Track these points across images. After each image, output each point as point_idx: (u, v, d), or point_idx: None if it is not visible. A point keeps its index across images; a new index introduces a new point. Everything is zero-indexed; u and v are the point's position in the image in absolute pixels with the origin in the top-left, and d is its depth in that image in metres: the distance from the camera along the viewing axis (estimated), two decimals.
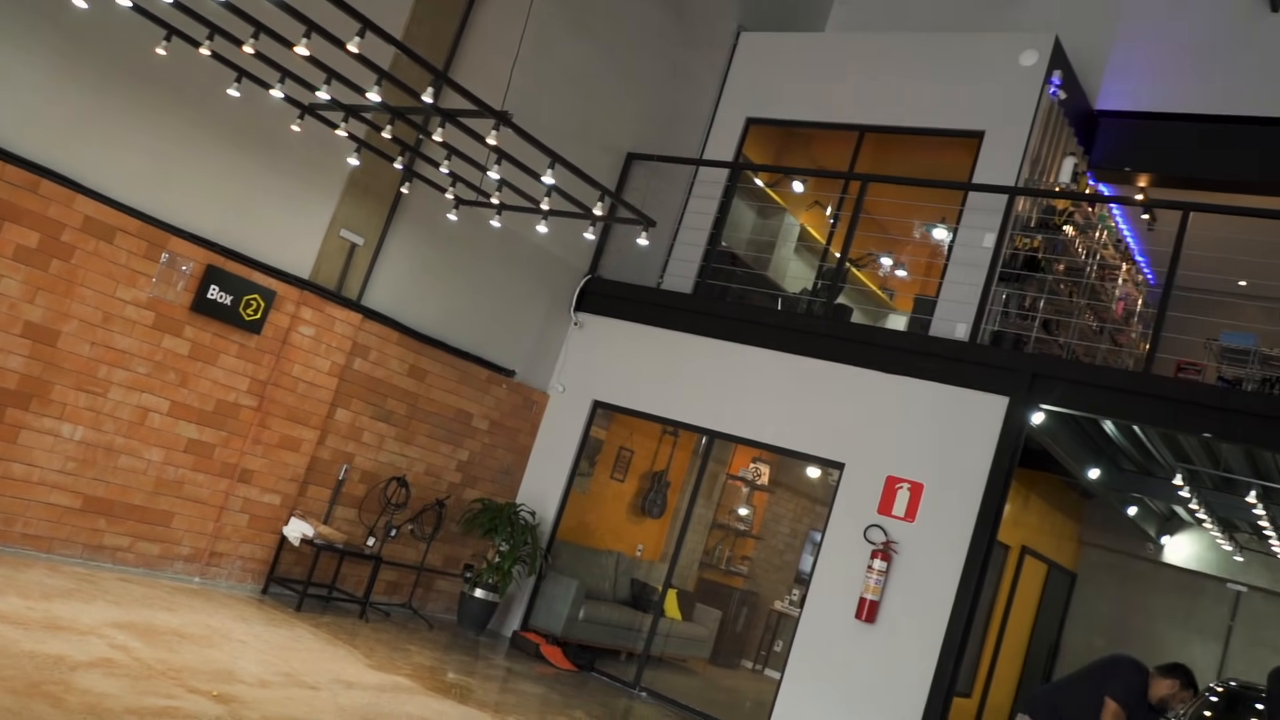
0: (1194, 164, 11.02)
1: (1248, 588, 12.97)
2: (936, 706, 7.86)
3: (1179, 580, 13.62)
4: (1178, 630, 13.51)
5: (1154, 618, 13.65)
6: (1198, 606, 13.49)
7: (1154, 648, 13.50)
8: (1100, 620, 13.85)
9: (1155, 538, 13.43)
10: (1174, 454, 9.91)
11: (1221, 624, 13.21)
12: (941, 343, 8.93)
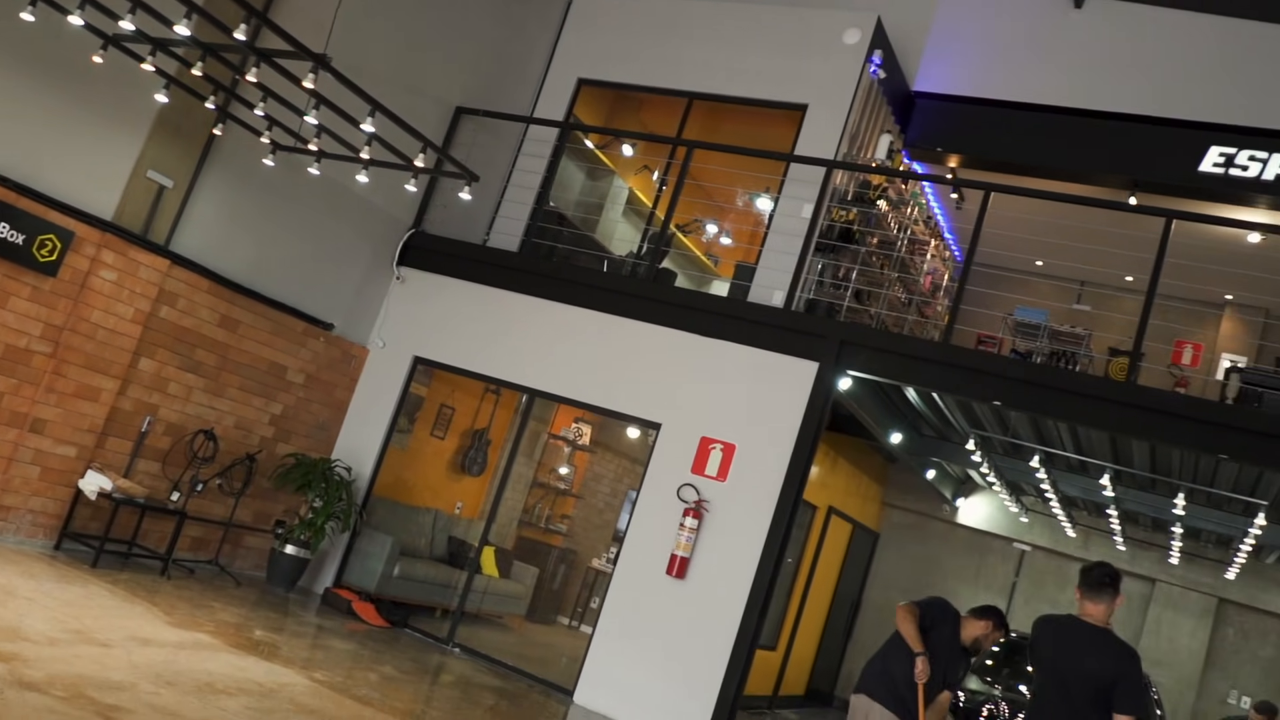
0: (1001, 148, 11.65)
1: (1031, 547, 13.98)
2: (740, 658, 8.19)
3: (971, 540, 14.55)
4: (968, 586, 14.44)
5: (948, 575, 14.54)
6: (986, 564, 14.45)
7: None
8: (899, 577, 14.66)
9: (951, 500, 14.28)
10: (969, 421, 10.55)
11: (1007, 580, 14.20)
12: (758, 309, 9.22)
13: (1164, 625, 13.31)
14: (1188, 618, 13.24)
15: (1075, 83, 11.32)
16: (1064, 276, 14.11)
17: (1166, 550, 13.06)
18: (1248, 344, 13.15)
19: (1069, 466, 11.10)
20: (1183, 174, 10.85)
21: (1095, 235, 10.84)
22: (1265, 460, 7.65)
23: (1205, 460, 9.17)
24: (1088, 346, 10.93)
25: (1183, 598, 13.31)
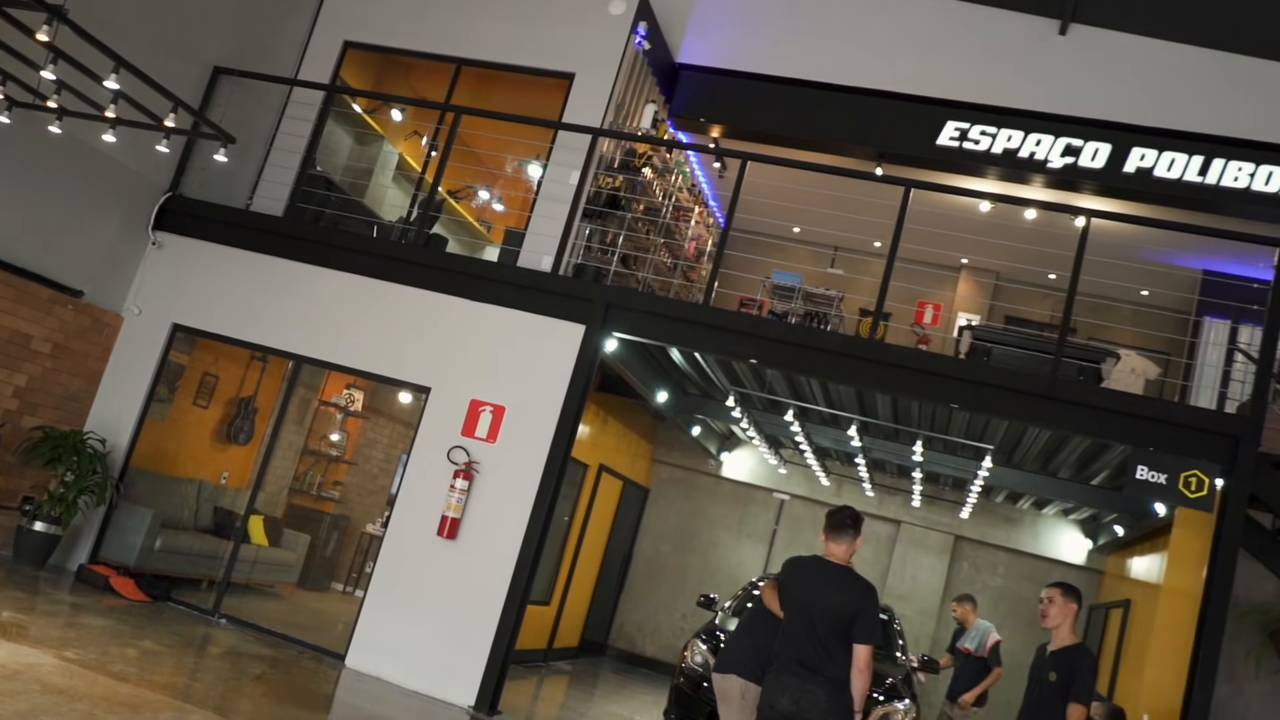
0: (760, 119, 12.23)
1: (790, 496, 14.86)
2: (511, 615, 8.42)
3: (735, 492, 15.32)
4: (733, 535, 15.23)
5: (714, 526, 15.28)
6: (749, 514, 15.27)
7: (713, 552, 15.17)
8: (669, 530, 15.30)
9: (716, 455, 14.99)
10: (730, 379, 11.11)
11: (768, 528, 15.05)
12: (527, 273, 9.40)
13: (908, 563, 14.49)
14: (928, 555, 14.46)
15: (829, 59, 12.00)
16: (819, 242, 14.98)
17: (909, 494, 14.19)
18: (981, 304, 14.40)
19: (821, 420, 11.88)
20: (923, 147, 11.74)
21: (847, 203, 11.59)
22: (992, 408, 8.46)
23: (941, 410, 10.02)
24: (838, 307, 11.71)
25: (924, 537, 14.53)
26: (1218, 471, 7.51)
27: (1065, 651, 5.80)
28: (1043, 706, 5.74)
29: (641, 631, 15.07)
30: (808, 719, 5.49)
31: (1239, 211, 10.71)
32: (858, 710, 5.57)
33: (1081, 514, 13.31)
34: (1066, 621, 5.87)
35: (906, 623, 13.20)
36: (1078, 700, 5.60)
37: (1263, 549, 7.79)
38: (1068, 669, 5.69)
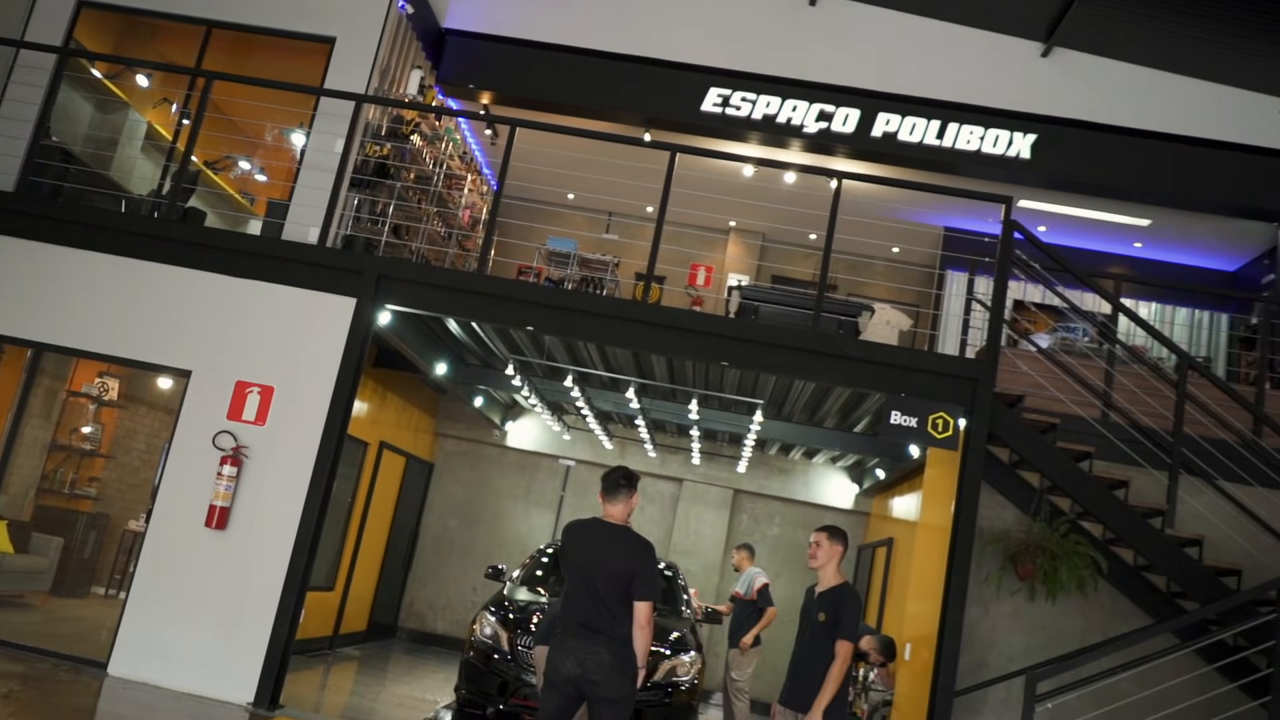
0: (530, 86, 12.19)
1: (575, 462, 15.02)
2: (289, 604, 8.13)
3: (521, 461, 15.35)
4: (520, 505, 15.27)
5: (501, 497, 15.26)
6: (536, 482, 15.34)
7: (501, 523, 15.16)
8: (455, 504, 15.17)
9: (500, 425, 14.95)
10: (509, 348, 11.08)
11: (555, 495, 15.17)
12: (293, 247, 9.04)
13: (691, 519, 14.95)
14: (710, 510, 14.97)
15: (596, 26, 12.09)
16: (594, 208, 15.11)
17: (689, 453, 14.62)
18: (750, 264, 14.93)
19: (601, 384, 12.04)
20: (688, 113, 12.03)
21: (619, 169, 11.73)
22: (760, 364, 8.79)
23: (714, 368, 10.34)
24: (614, 272, 11.87)
25: (705, 493, 15.01)
26: (961, 412, 8.11)
27: (831, 592, 6.13)
28: (815, 645, 6.05)
29: (432, 609, 14.92)
30: (593, 679, 5.58)
31: (972, 171, 11.56)
32: (641, 666, 5.72)
33: (847, 461, 14.09)
34: (833, 563, 6.20)
35: (692, 577, 13.64)
36: (845, 637, 5.93)
37: (1002, 481, 8.49)
38: (834, 608, 6.02)
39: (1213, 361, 12.47)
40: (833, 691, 5.83)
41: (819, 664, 5.94)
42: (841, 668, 5.86)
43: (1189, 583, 7.79)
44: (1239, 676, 7.35)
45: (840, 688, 5.87)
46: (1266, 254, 12.31)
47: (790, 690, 6.13)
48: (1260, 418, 8.55)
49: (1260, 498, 8.27)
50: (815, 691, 5.87)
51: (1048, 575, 8.03)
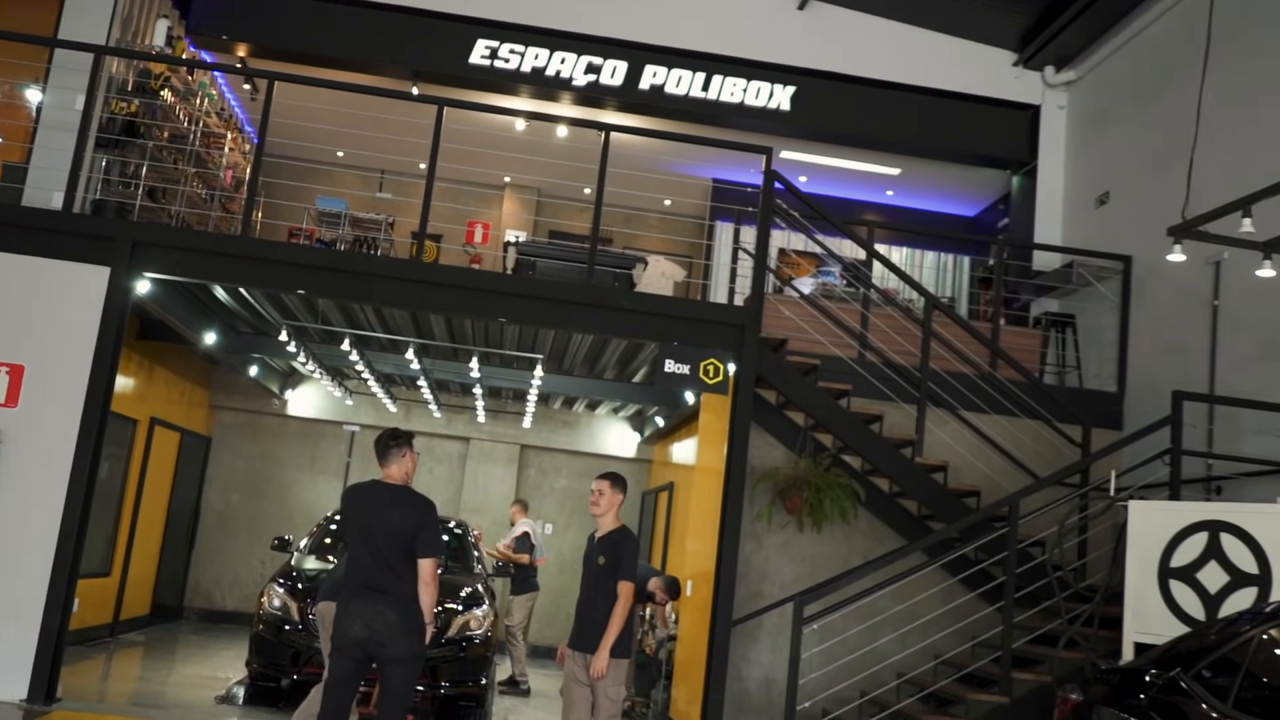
0: (288, 38, 11.72)
1: (360, 427, 14.75)
2: (59, 594, 7.69)
3: (304, 429, 14.96)
4: (306, 474, 14.91)
5: (285, 467, 14.85)
6: (320, 450, 15.00)
7: (287, 494, 14.77)
8: (237, 477, 14.65)
9: (280, 393, 14.50)
10: (282, 313, 10.74)
11: (341, 461, 14.87)
12: (35, 213, 8.44)
13: (480, 477, 15.01)
14: (498, 466, 15.07)
15: None
16: (365, 166, 14.74)
17: (474, 411, 14.64)
18: (527, 220, 14.99)
19: (380, 346, 11.87)
20: (456, 65, 11.89)
21: (389, 125, 11.44)
22: (537, 320, 8.91)
23: (493, 325, 10.38)
24: (388, 231, 11.68)
25: (492, 450, 15.10)
26: (730, 358, 8.52)
27: (610, 536, 6.36)
28: (598, 588, 6.27)
29: (219, 586, 14.43)
30: (381, 640, 5.62)
31: (736, 123, 11.99)
32: (429, 623, 5.80)
33: (629, 411, 14.48)
34: (613, 510, 6.43)
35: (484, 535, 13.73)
36: (625, 578, 6.18)
37: (771, 421, 8.98)
38: (614, 551, 6.26)
39: (956, 301, 13.49)
40: (617, 631, 6.08)
41: (602, 606, 6.16)
42: (624, 607, 6.11)
43: (936, 505, 8.52)
44: (978, 586, 8.13)
45: (625, 627, 6.13)
46: (1001, 200, 13.37)
47: (577, 633, 6.32)
48: (996, 351, 9.38)
49: (996, 424, 9.10)
50: (600, 633, 6.10)
51: (813, 507, 8.61)
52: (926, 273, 13.64)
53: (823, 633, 7.98)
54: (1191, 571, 6.36)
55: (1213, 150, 8.61)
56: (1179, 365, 9.11)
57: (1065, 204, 11.76)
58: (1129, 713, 4.20)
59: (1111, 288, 10.25)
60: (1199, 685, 3.97)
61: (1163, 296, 9.61)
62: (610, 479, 6.50)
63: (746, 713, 8.63)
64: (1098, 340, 10.54)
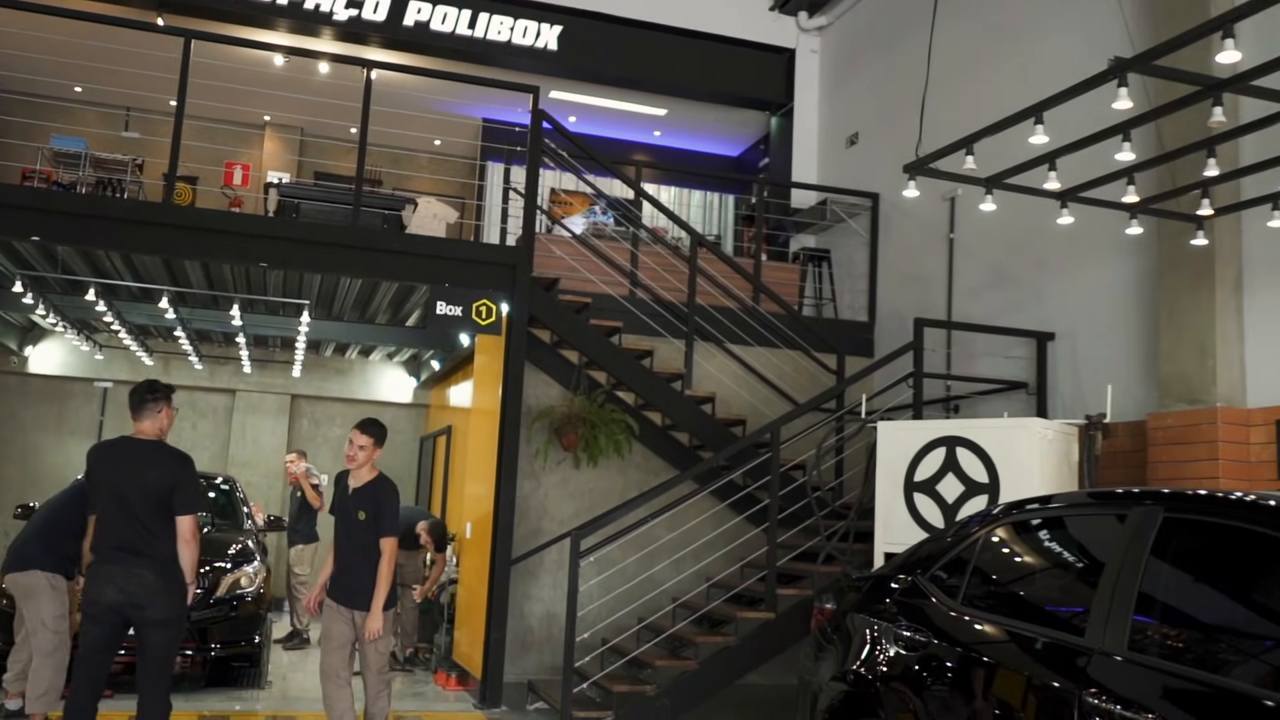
0: None
1: (113, 382, 13.85)
2: None
3: (49, 388, 13.90)
4: (53, 436, 13.88)
5: (29, 429, 13.77)
6: (69, 409, 13.99)
7: (34, 457, 13.72)
8: None
9: (19, 350, 13.39)
10: (16, 263, 9.90)
11: (94, 420, 13.95)
12: None
13: (249, 429, 14.42)
14: (267, 418, 14.51)
15: None
16: (108, 103, 13.65)
17: (239, 361, 14.00)
18: (289, 161, 14.32)
19: (131, 296, 11.13)
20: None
21: (134, 58, 10.63)
22: (301, 264, 8.60)
23: (254, 271, 9.92)
24: (135, 173, 10.92)
25: (261, 401, 14.51)
26: (502, 298, 8.51)
27: (368, 487, 6.06)
28: (361, 545, 5.96)
29: None
30: (138, 603, 5.36)
31: (503, 62, 11.85)
32: (190, 582, 5.56)
33: (404, 355, 14.23)
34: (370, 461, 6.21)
35: (254, 489, 13.25)
36: (388, 534, 5.91)
37: (545, 361, 9.05)
38: (374, 505, 5.99)
39: (722, 239, 13.91)
40: (385, 589, 5.91)
41: (368, 562, 5.92)
42: (389, 564, 5.90)
43: (705, 435, 8.86)
44: (745, 509, 8.54)
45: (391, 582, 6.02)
46: (761, 140, 13.83)
47: (341, 587, 6.04)
48: (758, 286, 9.78)
49: (759, 356, 9.52)
50: (367, 591, 5.90)
51: (589, 443, 8.78)
52: (694, 211, 13.98)
53: (601, 564, 8.19)
54: (932, 484, 6.90)
55: (945, 94, 9.19)
56: (921, 295, 9.78)
57: (819, 144, 12.31)
58: (877, 617, 4.54)
59: (862, 224, 10.84)
60: (934, 586, 4.34)
61: (906, 231, 10.25)
62: (373, 434, 6.16)
63: (529, 649, 8.78)
64: (850, 273, 11.15)
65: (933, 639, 4.07)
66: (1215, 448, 6.39)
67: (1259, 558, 3.12)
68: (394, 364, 14.84)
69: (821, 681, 4.75)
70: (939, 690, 3.93)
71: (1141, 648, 3.19)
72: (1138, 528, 3.41)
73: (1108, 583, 3.39)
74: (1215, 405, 6.46)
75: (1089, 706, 3.16)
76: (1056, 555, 4.16)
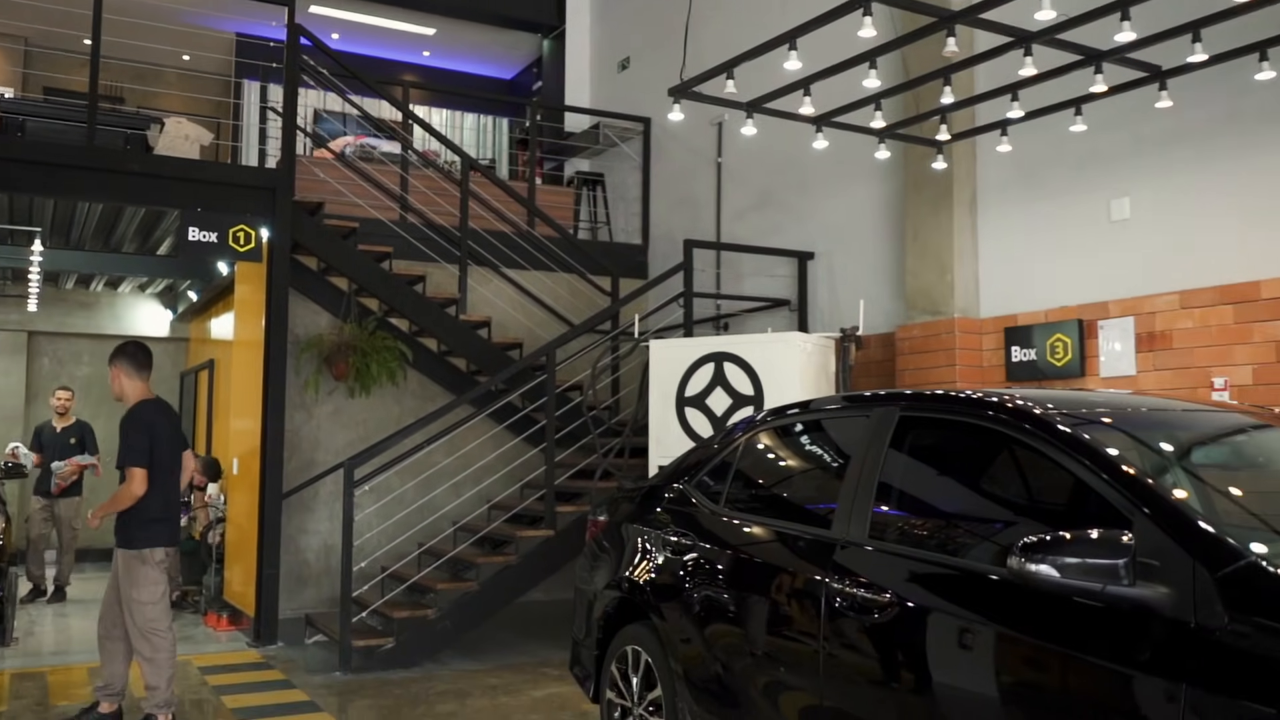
0: None
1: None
2: None
3: None
4: None
5: None
6: None
7: None
8: None
9: None
10: None
11: None
12: None
13: None
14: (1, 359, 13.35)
15: None
16: None
17: None
18: (12, 75, 13.05)
19: None
20: None
21: None
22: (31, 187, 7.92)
23: None
24: None
25: None
26: (262, 223, 8.12)
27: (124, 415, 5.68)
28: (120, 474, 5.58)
29: None
30: None
31: None
32: None
33: (158, 286, 13.37)
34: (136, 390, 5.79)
35: None
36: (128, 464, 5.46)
37: (313, 288, 8.75)
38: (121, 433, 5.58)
39: (497, 163, 13.76)
40: (116, 506, 5.49)
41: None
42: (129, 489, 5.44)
43: (482, 360, 8.84)
44: (523, 431, 8.60)
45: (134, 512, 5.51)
46: (534, 64, 13.69)
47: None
48: (532, 210, 9.75)
49: (535, 279, 9.53)
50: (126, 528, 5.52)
51: (361, 372, 8.59)
52: (467, 134, 13.73)
53: (378, 493, 8.08)
54: (702, 398, 7.17)
55: (710, 19, 9.34)
56: (692, 217, 10.02)
57: (592, 68, 12.29)
58: (648, 525, 4.70)
59: (634, 147, 10.96)
60: (699, 492, 4.54)
61: (677, 155, 10.45)
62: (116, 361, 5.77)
63: (306, 583, 8.60)
64: (624, 197, 11.29)
65: (698, 541, 4.27)
66: (953, 355, 6.94)
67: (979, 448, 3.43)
68: (147, 296, 13.91)
69: (596, 590, 4.90)
70: (704, 588, 4.14)
71: (881, 535, 3.47)
72: (878, 426, 3.67)
73: (852, 478, 3.64)
74: (953, 316, 7.00)
75: (834, 591, 3.41)
76: (811, 456, 4.43)
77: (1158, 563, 2.58)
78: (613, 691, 4.68)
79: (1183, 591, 2.50)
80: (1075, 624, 2.68)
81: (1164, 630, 2.50)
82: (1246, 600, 2.41)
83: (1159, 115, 5.89)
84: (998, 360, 6.93)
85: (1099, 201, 6.47)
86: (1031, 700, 2.80)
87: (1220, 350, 5.76)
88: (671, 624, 4.25)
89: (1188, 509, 2.74)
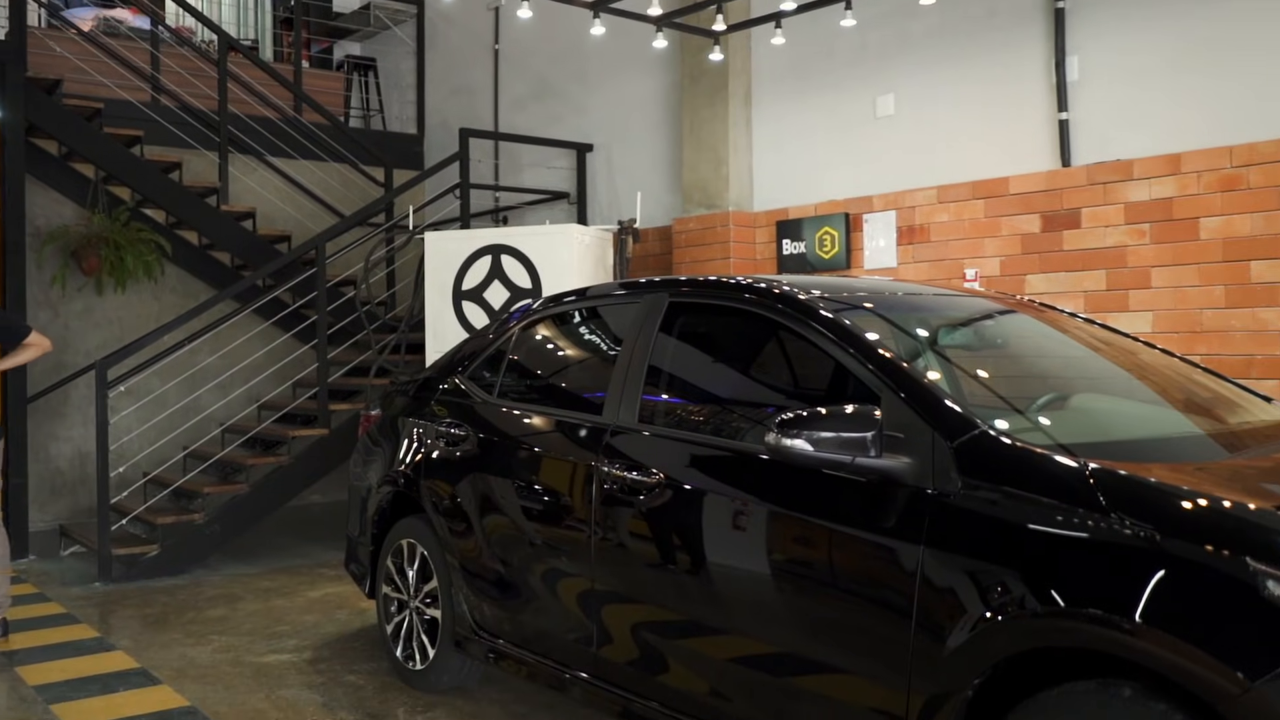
0: None
1: None
2: None
3: None
4: None
5: None
6: None
7: None
8: None
9: None
10: None
11: None
12: None
13: None
14: None
15: None
16: None
17: None
18: None
19: None
20: None
21: None
22: None
23: None
24: None
25: None
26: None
27: None
28: None
29: None
30: None
31: None
32: None
33: None
34: None
35: None
36: None
37: (54, 176, 8.02)
38: None
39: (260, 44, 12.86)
40: None
41: None
42: None
43: (247, 253, 8.38)
44: (293, 327, 8.26)
45: None
46: None
47: None
48: (299, 95, 9.22)
49: (303, 169, 9.07)
50: None
51: (114, 266, 7.99)
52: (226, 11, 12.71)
53: (136, 394, 7.62)
54: (479, 291, 7.06)
55: None
56: (469, 106, 9.73)
57: None
58: (423, 418, 4.62)
59: (408, 31, 10.48)
60: (473, 383, 4.48)
61: (453, 41, 10.07)
62: None
63: (60, 492, 8.09)
64: (398, 84, 10.83)
65: (473, 432, 4.23)
66: (728, 247, 7.10)
67: (746, 332, 3.53)
68: None
69: (371, 486, 4.80)
70: (479, 479, 4.12)
71: (650, 419, 3.53)
72: (648, 312, 3.70)
73: (622, 365, 3.67)
74: (728, 210, 7.13)
75: (604, 474, 3.47)
76: (584, 343, 4.44)
77: (902, 435, 2.73)
78: (389, 586, 4.64)
79: (923, 461, 2.66)
80: (829, 496, 2.81)
81: (906, 498, 2.66)
82: (977, 466, 2.58)
83: (924, 12, 6.10)
84: (770, 254, 7.13)
85: (866, 98, 6.69)
86: (793, 573, 2.92)
87: (972, 243, 6.12)
88: (446, 516, 4.23)
89: (930, 384, 2.89)
